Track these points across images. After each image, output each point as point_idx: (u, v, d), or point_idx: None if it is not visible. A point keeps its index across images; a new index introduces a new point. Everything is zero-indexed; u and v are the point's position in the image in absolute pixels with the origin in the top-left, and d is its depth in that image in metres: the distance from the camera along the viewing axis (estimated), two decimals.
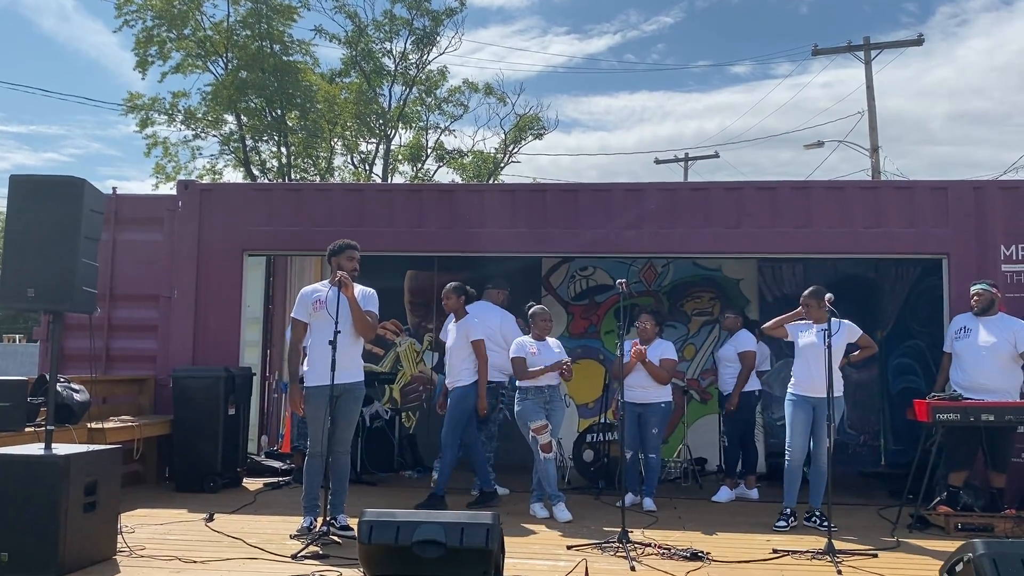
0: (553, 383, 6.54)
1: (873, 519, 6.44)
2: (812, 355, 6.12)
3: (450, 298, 6.78)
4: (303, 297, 5.65)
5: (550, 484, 6.35)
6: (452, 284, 6.83)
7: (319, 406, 5.44)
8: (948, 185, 7.55)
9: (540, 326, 6.64)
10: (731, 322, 7.69)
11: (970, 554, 3.89)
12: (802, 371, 6.25)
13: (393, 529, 4.17)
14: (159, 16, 20.44)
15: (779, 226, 7.58)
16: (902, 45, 20.36)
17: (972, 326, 6.52)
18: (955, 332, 6.63)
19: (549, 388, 6.52)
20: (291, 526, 5.59)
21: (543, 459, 6.35)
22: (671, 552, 5.08)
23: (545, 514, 6.30)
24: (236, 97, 20.33)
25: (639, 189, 7.89)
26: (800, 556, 5.14)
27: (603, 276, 9.67)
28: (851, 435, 9.46)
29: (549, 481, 6.35)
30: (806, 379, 6.19)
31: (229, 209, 8.08)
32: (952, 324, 6.77)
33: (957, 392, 6.32)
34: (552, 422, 6.48)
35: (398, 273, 9.94)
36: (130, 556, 4.85)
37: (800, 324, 6.39)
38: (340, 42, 22.26)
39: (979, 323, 6.48)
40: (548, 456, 6.39)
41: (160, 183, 21.97)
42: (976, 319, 6.51)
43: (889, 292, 9.42)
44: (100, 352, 7.96)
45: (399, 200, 8.09)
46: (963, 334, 6.55)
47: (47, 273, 4.65)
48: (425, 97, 23.12)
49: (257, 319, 9.30)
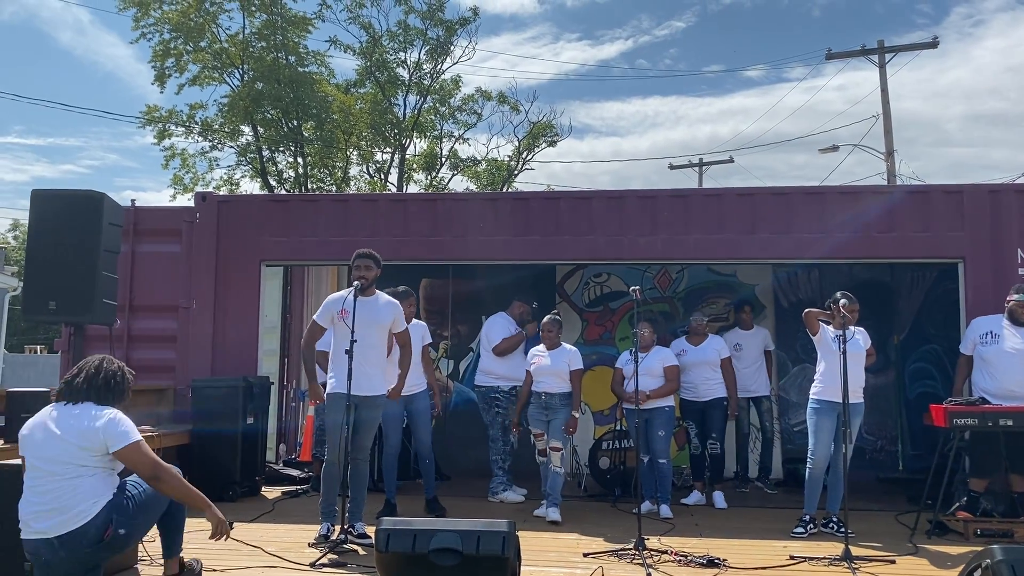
0: (552, 391, 6.57)
1: (891, 525, 6.41)
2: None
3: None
4: (329, 303, 5.73)
5: (547, 485, 6.54)
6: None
7: (337, 413, 5.49)
8: (963, 189, 7.52)
9: (543, 336, 6.74)
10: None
11: (988, 560, 3.87)
12: (830, 377, 6.01)
13: (410, 537, 4.20)
14: (176, 29, 20.65)
15: (794, 231, 7.58)
16: (917, 48, 20.24)
17: (998, 331, 6.45)
18: (980, 337, 6.53)
19: (547, 396, 6.57)
20: (309, 534, 5.64)
21: (541, 462, 6.62)
22: (688, 559, 5.09)
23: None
24: (252, 108, 20.49)
25: (652, 196, 7.92)
26: (817, 563, 5.13)
27: (617, 283, 9.68)
28: (868, 440, 9.41)
29: (544, 482, 6.58)
30: (834, 385, 5.94)
31: (246, 220, 8.17)
32: (974, 327, 6.69)
33: (977, 398, 6.27)
34: (553, 427, 6.54)
35: (413, 282, 9.97)
36: (151, 565, 4.90)
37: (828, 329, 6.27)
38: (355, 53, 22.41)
39: (1005, 328, 6.42)
40: (543, 460, 6.60)
41: (178, 194, 22.18)
42: (1002, 324, 6.46)
43: (905, 296, 9.38)
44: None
45: (413, 209, 8.15)
46: (990, 339, 6.46)
47: (68, 286, 4.75)
48: (439, 106, 23.22)
49: (275, 328, 9.37)
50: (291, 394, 9.67)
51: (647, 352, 6.96)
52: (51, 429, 3.91)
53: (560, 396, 6.56)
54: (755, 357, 8.09)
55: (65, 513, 3.81)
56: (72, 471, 3.85)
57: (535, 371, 6.67)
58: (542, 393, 6.59)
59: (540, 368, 6.64)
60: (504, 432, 7.35)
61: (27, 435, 3.97)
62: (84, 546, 3.84)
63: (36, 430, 3.96)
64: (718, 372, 7.43)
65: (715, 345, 7.52)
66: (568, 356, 6.63)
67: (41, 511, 3.82)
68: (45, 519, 3.81)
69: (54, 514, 3.81)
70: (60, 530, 3.80)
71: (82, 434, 3.88)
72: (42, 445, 3.89)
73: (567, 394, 6.58)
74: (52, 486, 3.85)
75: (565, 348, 6.72)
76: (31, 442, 3.92)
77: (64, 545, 3.80)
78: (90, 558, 3.92)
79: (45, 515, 3.82)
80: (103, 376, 4.08)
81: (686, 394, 7.40)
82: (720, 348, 7.54)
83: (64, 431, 3.88)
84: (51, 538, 3.79)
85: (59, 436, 3.88)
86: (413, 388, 6.63)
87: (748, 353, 8.06)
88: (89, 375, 4.06)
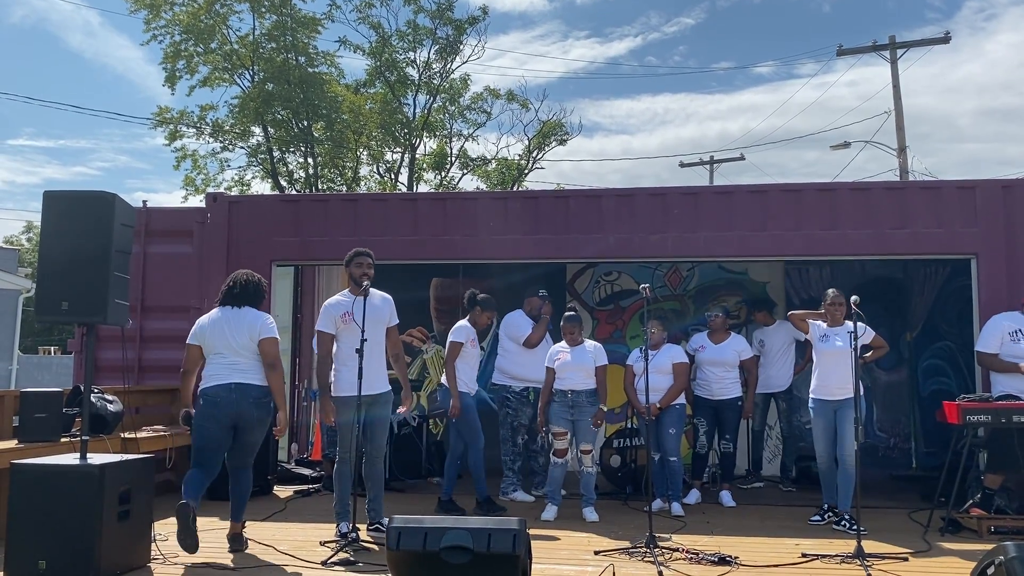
0: (578, 387, 6.53)
1: (904, 522, 6.38)
2: (830, 359, 6.19)
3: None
4: (328, 309, 5.71)
5: (550, 484, 6.58)
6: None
7: (349, 414, 5.51)
8: (976, 184, 7.47)
9: (565, 336, 6.69)
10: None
11: (1001, 557, 3.84)
12: (821, 375, 6.32)
13: (421, 536, 4.20)
14: (186, 31, 20.74)
15: (805, 228, 7.55)
16: (928, 44, 20.13)
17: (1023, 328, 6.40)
18: (1010, 335, 6.43)
19: (574, 393, 6.53)
20: (321, 533, 5.66)
21: (552, 462, 6.61)
22: (699, 557, 5.08)
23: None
24: (263, 109, 20.56)
25: (662, 194, 7.90)
26: (829, 560, 5.11)
27: (628, 281, 9.67)
28: (881, 438, 9.38)
29: (550, 481, 6.58)
30: (823, 383, 6.29)
31: (256, 220, 8.20)
32: (997, 325, 6.54)
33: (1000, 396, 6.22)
34: (581, 428, 6.50)
35: (424, 281, 10.01)
36: (163, 564, 4.93)
37: (818, 326, 6.38)
38: (364, 53, 22.45)
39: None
40: (557, 461, 6.57)
41: (189, 195, 22.28)
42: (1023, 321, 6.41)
43: (918, 293, 9.33)
44: (132, 363, 8.11)
45: (424, 209, 8.17)
46: (1019, 337, 6.41)
47: (81, 287, 4.76)
48: (448, 105, 23.24)
49: (286, 329, 9.39)
50: (302, 393, 9.70)
51: (657, 350, 6.95)
52: (225, 324, 5.29)
53: (587, 393, 6.52)
54: (779, 352, 8.01)
55: (241, 374, 5.21)
56: (244, 354, 5.24)
57: (559, 367, 6.58)
58: (568, 391, 6.52)
59: (564, 364, 6.56)
60: (514, 433, 7.35)
61: (207, 327, 5.33)
62: (249, 397, 5.18)
63: (214, 325, 5.31)
64: (734, 372, 7.40)
65: (736, 346, 7.45)
66: (593, 352, 6.61)
67: (222, 372, 5.20)
68: (226, 377, 5.18)
69: (233, 374, 5.20)
70: (238, 378, 5.18)
71: (250, 326, 5.28)
72: (222, 335, 5.26)
73: (593, 391, 6.54)
74: (229, 360, 5.23)
75: (588, 344, 6.70)
76: (212, 332, 5.29)
77: (238, 389, 5.16)
78: (249, 411, 5.19)
79: (226, 375, 5.18)
80: (251, 286, 5.44)
81: (700, 391, 7.37)
82: (741, 350, 7.47)
83: (236, 324, 5.27)
84: (230, 383, 5.17)
85: (234, 328, 5.27)
86: (463, 388, 6.74)
87: (772, 348, 8.00)
88: (242, 285, 5.41)
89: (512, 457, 7.36)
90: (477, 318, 6.95)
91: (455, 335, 6.82)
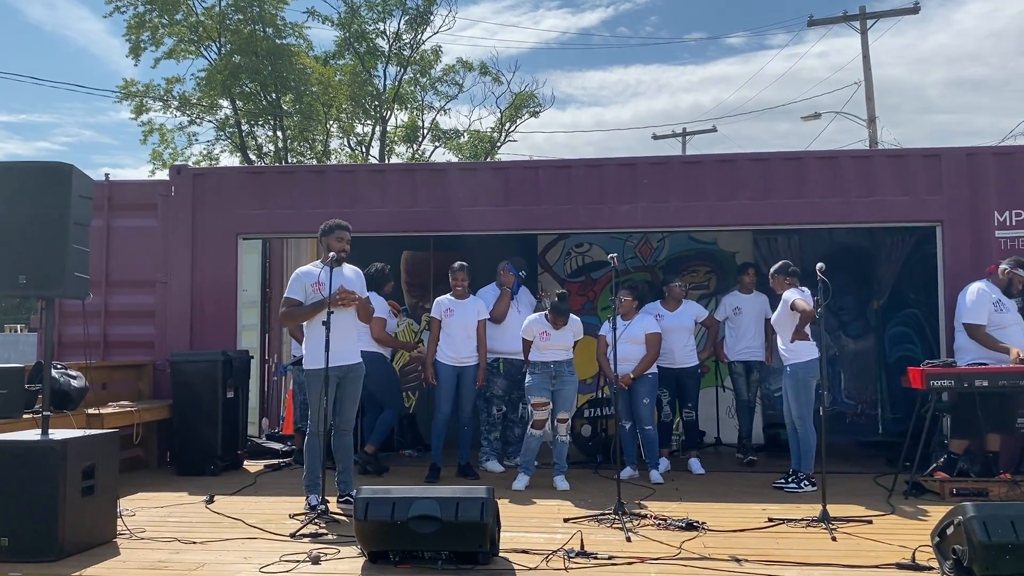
0: (560, 358, 6.56)
1: (869, 487, 6.47)
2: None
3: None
4: (298, 278, 5.66)
5: (524, 455, 6.60)
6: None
7: (319, 387, 5.47)
8: (941, 152, 7.53)
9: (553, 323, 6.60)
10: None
11: (960, 517, 3.93)
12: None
13: (389, 505, 4.20)
14: (150, 2, 20.32)
15: (773, 197, 7.57)
16: (898, 14, 20.22)
17: (1005, 301, 6.41)
18: (994, 304, 6.39)
19: (555, 364, 6.55)
20: (291, 506, 5.64)
21: (529, 432, 6.58)
22: (667, 523, 5.13)
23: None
24: (230, 82, 20.27)
25: (632, 163, 7.88)
26: (795, 524, 5.18)
27: (599, 252, 9.67)
28: (848, 404, 9.49)
29: (525, 451, 6.60)
30: None
31: (222, 193, 8.08)
32: (983, 295, 6.45)
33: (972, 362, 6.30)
34: (561, 397, 6.54)
35: (394, 254, 9.93)
36: (130, 538, 4.89)
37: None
38: (333, 24, 22.16)
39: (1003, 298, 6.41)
40: (535, 432, 6.57)
41: (157, 170, 21.97)
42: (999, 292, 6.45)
43: (885, 261, 9.41)
44: (98, 339, 8.00)
45: (392, 180, 8.09)
46: (1002, 307, 6.41)
47: (38, 260, 4.66)
48: (419, 77, 23.02)
49: (255, 303, 9.31)
50: (272, 368, 9.64)
51: (630, 320, 6.97)
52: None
53: (567, 363, 6.59)
54: (753, 322, 7.97)
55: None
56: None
57: (540, 343, 6.59)
58: (550, 362, 6.56)
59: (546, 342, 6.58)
60: (487, 403, 7.37)
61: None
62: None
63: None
64: (692, 339, 7.49)
65: (691, 311, 7.55)
66: (573, 327, 6.62)
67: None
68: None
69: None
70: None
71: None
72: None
73: (571, 361, 6.65)
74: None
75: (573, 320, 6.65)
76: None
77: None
78: None
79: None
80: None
81: (661, 360, 7.33)
82: (697, 313, 7.58)
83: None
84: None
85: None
86: (467, 360, 7.00)
87: (746, 317, 7.94)
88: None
89: (488, 428, 7.40)
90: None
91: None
